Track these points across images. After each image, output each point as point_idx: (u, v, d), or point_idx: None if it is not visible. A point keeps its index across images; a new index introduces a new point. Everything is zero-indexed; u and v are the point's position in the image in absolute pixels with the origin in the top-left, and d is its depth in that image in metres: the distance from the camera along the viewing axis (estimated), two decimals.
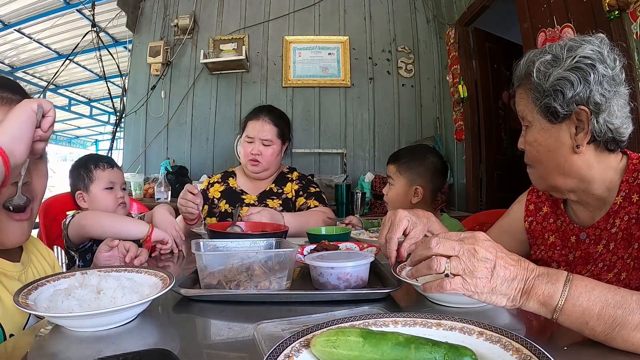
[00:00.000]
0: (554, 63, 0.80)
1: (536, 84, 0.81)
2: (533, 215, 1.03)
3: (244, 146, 1.79)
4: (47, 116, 0.71)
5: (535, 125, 0.85)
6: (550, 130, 0.83)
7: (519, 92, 0.89)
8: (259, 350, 0.54)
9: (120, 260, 1.02)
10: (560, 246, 0.95)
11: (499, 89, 3.33)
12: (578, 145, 0.80)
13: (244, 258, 0.82)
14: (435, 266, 0.58)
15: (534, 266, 0.59)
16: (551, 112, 0.81)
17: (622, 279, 0.77)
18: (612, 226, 0.83)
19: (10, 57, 5.42)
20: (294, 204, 1.78)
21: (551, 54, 0.81)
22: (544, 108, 0.81)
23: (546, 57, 0.81)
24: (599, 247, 0.85)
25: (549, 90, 0.79)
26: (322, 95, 3.56)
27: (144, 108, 3.55)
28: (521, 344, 0.48)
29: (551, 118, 0.82)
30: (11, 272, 0.82)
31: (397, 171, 1.56)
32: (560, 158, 0.83)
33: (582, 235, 0.90)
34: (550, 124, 0.83)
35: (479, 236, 0.60)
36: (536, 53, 0.84)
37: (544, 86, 0.80)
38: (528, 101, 0.85)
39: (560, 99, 0.79)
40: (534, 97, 0.83)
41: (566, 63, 0.78)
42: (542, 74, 0.80)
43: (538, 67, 0.81)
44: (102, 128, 10.79)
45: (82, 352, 0.58)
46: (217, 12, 3.62)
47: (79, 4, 4.04)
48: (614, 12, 1.65)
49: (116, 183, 1.42)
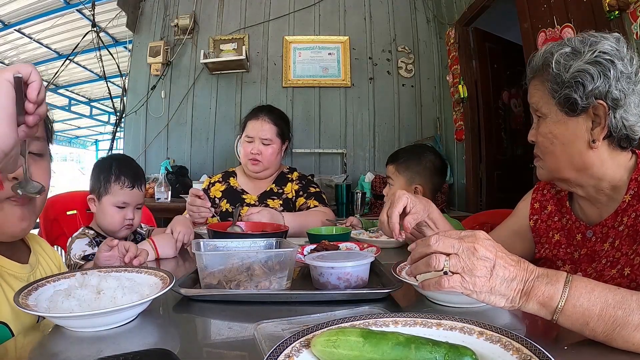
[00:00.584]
0: (573, 56, 0.79)
1: (555, 74, 0.80)
2: (538, 214, 1.03)
3: (244, 146, 1.79)
4: (31, 82, 0.57)
5: (551, 117, 0.84)
6: (567, 123, 0.82)
7: (534, 83, 0.87)
8: (259, 350, 0.54)
9: (120, 260, 1.02)
10: (566, 244, 0.94)
11: (499, 89, 3.33)
12: (594, 139, 0.80)
13: (244, 258, 0.82)
14: (434, 263, 0.58)
15: (534, 267, 0.59)
16: (570, 104, 0.80)
17: (625, 275, 0.77)
18: (620, 224, 0.82)
19: (10, 57, 5.42)
20: (294, 204, 1.78)
21: (570, 47, 0.80)
22: (563, 99, 0.80)
23: (565, 50, 0.80)
24: (605, 245, 0.84)
25: (569, 82, 0.78)
26: (322, 95, 3.57)
27: (144, 108, 3.55)
28: (521, 344, 0.48)
29: (568, 110, 0.80)
30: (20, 273, 0.81)
31: (395, 171, 1.56)
32: (575, 152, 0.82)
33: (589, 232, 0.89)
34: (566, 117, 0.81)
35: (479, 235, 0.59)
36: (554, 45, 0.83)
37: (564, 77, 0.79)
38: (544, 92, 0.84)
39: (581, 90, 0.77)
40: (552, 89, 0.81)
41: (586, 56, 0.77)
42: (562, 66, 0.79)
43: (557, 59, 0.80)
44: (102, 128, 10.80)
45: (82, 352, 0.58)
46: (217, 12, 3.62)
47: (79, 4, 4.04)
48: (614, 12, 1.65)
49: (130, 204, 1.33)
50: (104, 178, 1.31)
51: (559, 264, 0.94)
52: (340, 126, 3.55)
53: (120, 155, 1.49)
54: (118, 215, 1.31)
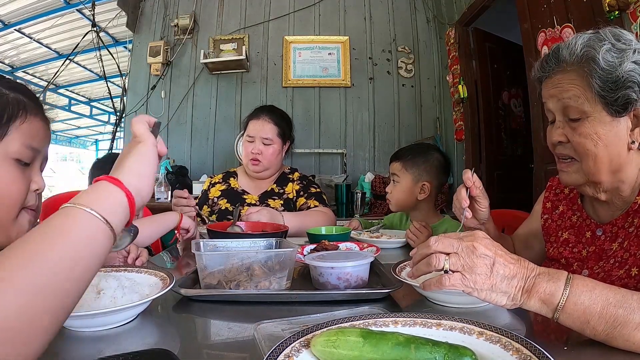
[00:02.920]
0: (620, 52, 0.74)
1: (606, 71, 0.74)
2: (549, 213, 1.02)
3: (245, 146, 1.79)
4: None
5: (595, 117, 0.77)
6: (611, 124, 0.77)
7: (570, 77, 0.79)
8: (259, 350, 0.54)
9: (121, 261, 1.02)
10: (574, 242, 0.93)
11: (499, 89, 3.33)
12: (634, 141, 0.77)
13: (244, 258, 0.82)
14: (435, 262, 0.59)
15: (534, 266, 0.59)
16: (623, 104, 0.74)
17: (633, 275, 0.77)
18: (630, 225, 0.81)
19: (10, 57, 5.42)
20: (295, 204, 1.78)
21: (609, 42, 0.75)
22: (618, 99, 0.74)
23: (607, 45, 0.74)
24: (614, 245, 0.83)
25: (625, 81, 0.73)
26: (322, 95, 3.57)
27: (144, 108, 3.55)
28: (521, 344, 0.48)
29: (618, 110, 0.75)
30: None
31: (402, 168, 1.56)
32: (615, 154, 0.78)
33: (598, 231, 0.88)
34: (610, 117, 0.76)
35: (478, 234, 0.60)
36: (591, 37, 0.77)
37: (619, 75, 0.73)
38: (586, 89, 0.77)
39: (638, 91, 0.73)
40: (600, 87, 0.75)
41: (629, 55, 0.73)
42: (614, 63, 0.74)
43: (604, 56, 0.74)
44: (102, 128, 10.79)
45: (82, 352, 0.58)
46: (217, 12, 3.62)
47: (79, 4, 4.04)
48: (614, 12, 1.65)
49: None
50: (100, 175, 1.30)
51: (562, 262, 0.93)
52: (340, 126, 3.55)
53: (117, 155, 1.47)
54: None
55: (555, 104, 0.82)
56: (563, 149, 0.84)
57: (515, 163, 3.31)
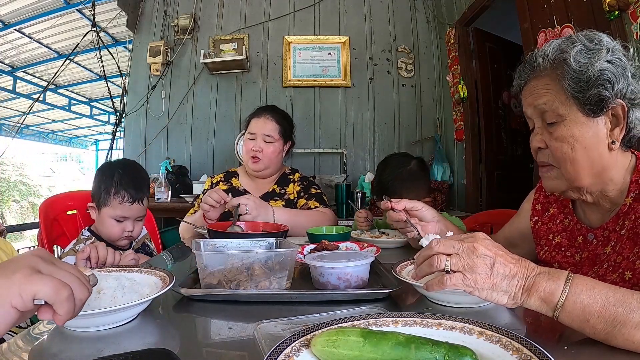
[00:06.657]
0: (592, 53, 0.74)
1: (577, 72, 0.74)
2: (539, 215, 1.01)
3: (246, 143, 1.78)
4: None
5: (570, 119, 0.76)
6: (588, 124, 0.76)
7: (543, 82, 0.79)
8: (259, 350, 0.54)
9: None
10: (566, 247, 0.92)
11: (499, 89, 3.33)
12: (614, 140, 0.76)
13: (244, 258, 0.82)
14: (436, 263, 0.60)
15: (535, 265, 0.60)
16: (596, 103, 0.74)
17: (627, 279, 0.76)
18: (622, 227, 0.80)
19: (10, 57, 5.41)
20: (296, 205, 1.78)
21: (582, 44, 0.75)
22: (591, 98, 0.73)
23: (578, 47, 0.74)
24: (607, 249, 0.83)
25: (596, 79, 0.73)
26: (322, 95, 3.56)
27: (144, 108, 3.55)
28: (521, 344, 0.48)
29: (593, 110, 0.74)
30: None
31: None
32: (596, 155, 0.77)
33: (590, 235, 0.87)
34: (586, 118, 0.75)
35: (478, 235, 0.62)
36: (563, 42, 0.77)
37: (590, 74, 0.73)
38: (559, 92, 0.76)
39: (610, 88, 0.72)
40: (573, 87, 0.74)
41: (602, 55, 0.73)
42: (585, 63, 0.73)
43: (575, 57, 0.74)
44: (102, 128, 10.78)
45: (82, 352, 0.58)
46: (217, 12, 3.62)
47: (79, 4, 4.03)
48: (614, 13, 1.65)
49: (129, 218, 1.29)
50: (105, 189, 1.26)
51: (555, 266, 0.92)
52: (340, 126, 3.55)
53: (126, 163, 1.40)
54: (117, 227, 1.28)
55: (533, 111, 0.82)
56: (542, 155, 0.84)
57: (515, 163, 3.31)
